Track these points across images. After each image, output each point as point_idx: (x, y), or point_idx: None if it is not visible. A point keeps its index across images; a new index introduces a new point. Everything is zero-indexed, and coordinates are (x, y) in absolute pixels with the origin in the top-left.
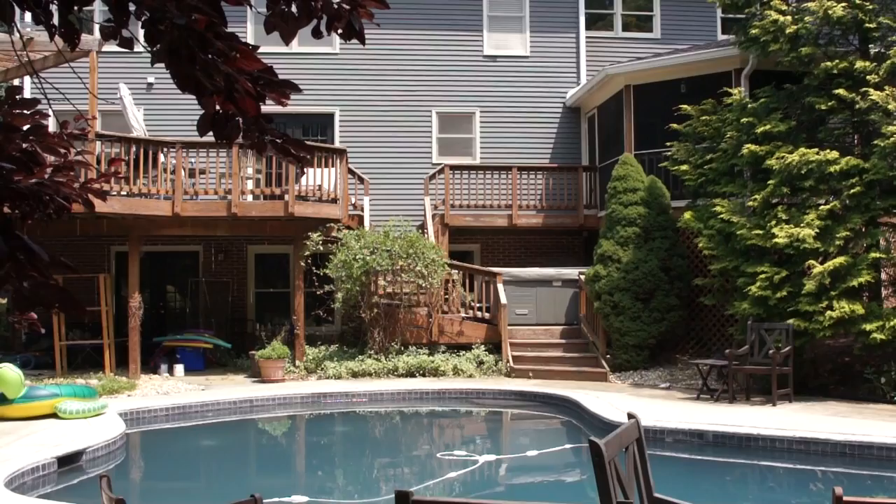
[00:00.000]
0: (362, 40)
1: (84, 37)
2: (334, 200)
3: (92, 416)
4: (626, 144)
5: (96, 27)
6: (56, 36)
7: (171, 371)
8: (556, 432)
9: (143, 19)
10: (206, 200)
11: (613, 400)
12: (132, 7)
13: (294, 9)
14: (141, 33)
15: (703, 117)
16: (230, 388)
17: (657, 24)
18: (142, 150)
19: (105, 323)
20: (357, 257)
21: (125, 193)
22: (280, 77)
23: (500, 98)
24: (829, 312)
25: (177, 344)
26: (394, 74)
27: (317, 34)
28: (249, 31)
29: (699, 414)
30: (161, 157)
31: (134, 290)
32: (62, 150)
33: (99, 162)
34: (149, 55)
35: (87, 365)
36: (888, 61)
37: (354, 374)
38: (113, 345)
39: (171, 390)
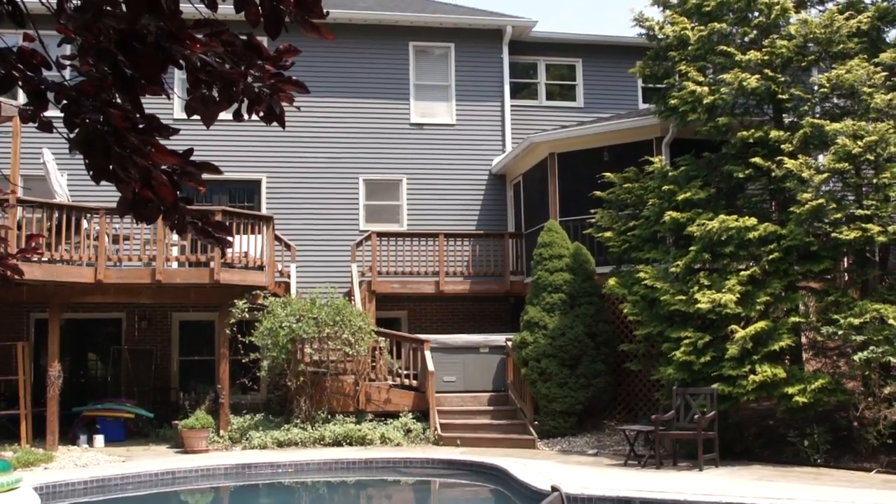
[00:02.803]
0: (282, 124)
1: (6, 102)
2: (261, 267)
3: (5, 492)
4: (552, 211)
5: (20, 93)
6: None
7: (90, 442)
8: (482, 501)
9: (62, 104)
10: (129, 267)
11: (541, 467)
12: (51, 94)
13: (215, 93)
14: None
15: (626, 185)
16: (152, 460)
17: (580, 93)
18: (64, 216)
19: (22, 393)
20: (283, 325)
21: (46, 260)
22: (205, 147)
23: (426, 165)
24: (752, 376)
25: (97, 414)
26: (321, 141)
27: (238, 117)
28: (176, 100)
29: (626, 480)
30: (84, 223)
31: (53, 359)
32: None
33: (20, 227)
34: None
35: (3, 436)
36: (801, 131)
37: (280, 444)
38: (30, 415)
39: (90, 462)
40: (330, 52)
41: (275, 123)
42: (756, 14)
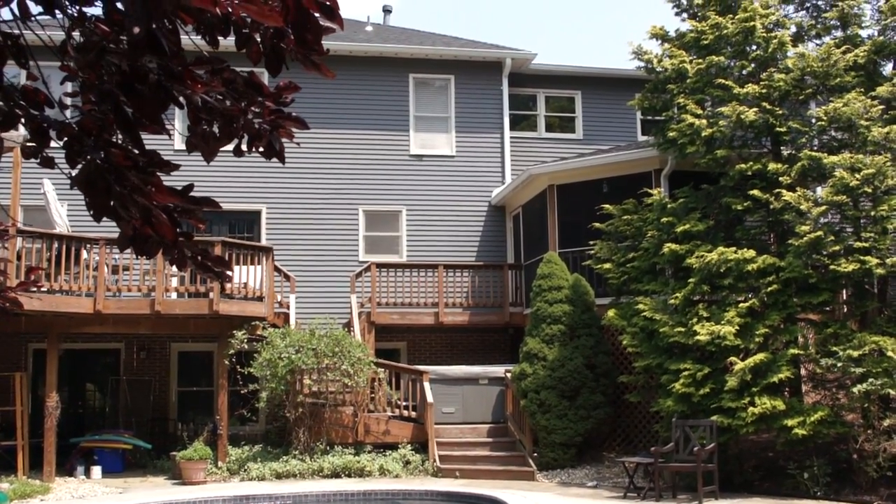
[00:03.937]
0: (282, 159)
1: (8, 138)
2: (260, 298)
3: None
4: (551, 243)
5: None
6: None
7: (87, 473)
8: None
9: (63, 140)
10: (129, 298)
11: (540, 499)
12: (53, 132)
13: (215, 129)
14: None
15: (625, 216)
16: (149, 492)
17: (580, 125)
18: (64, 247)
19: (19, 423)
20: (282, 356)
21: (46, 290)
22: (204, 178)
23: (426, 196)
24: (751, 409)
25: (95, 445)
26: (321, 172)
27: (238, 153)
28: (176, 132)
29: None
30: (84, 254)
31: (51, 389)
32: None
33: (20, 258)
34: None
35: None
36: (799, 163)
37: (278, 476)
38: (27, 446)
39: (86, 494)
40: (330, 84)
41: (274, 158)
42: (754, 48)
